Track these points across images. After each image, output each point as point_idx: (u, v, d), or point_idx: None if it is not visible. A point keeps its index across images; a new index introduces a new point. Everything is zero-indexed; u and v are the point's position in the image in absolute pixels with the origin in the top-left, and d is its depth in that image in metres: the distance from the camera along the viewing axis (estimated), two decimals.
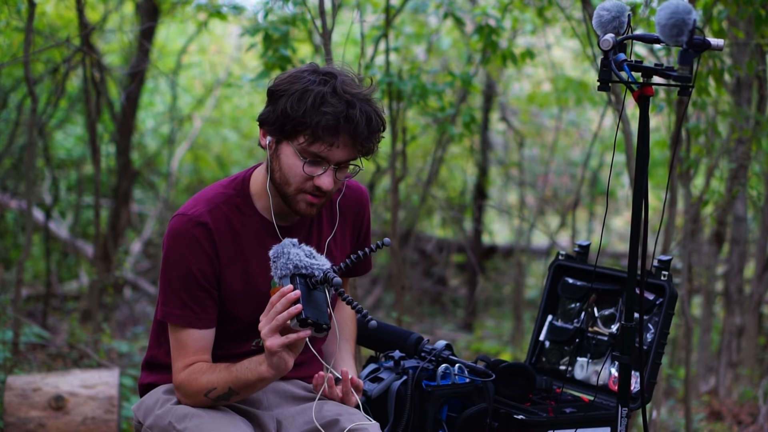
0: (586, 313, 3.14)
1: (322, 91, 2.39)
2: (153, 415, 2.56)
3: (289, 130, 2.41)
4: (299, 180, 2.43)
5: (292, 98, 2.39)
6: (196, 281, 2.46)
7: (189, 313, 2.47)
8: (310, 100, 2.38)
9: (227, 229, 2.50)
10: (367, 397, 2.72)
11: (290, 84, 2.42)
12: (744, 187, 5.59)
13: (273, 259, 2.34)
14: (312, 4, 5.26)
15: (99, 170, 6.33)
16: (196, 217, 2.47)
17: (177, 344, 2.50)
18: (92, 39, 7.15)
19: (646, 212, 2.42)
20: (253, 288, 2.53)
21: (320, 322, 2.30)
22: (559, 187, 10.90)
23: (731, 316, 6.41)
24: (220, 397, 2.45)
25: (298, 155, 2.42)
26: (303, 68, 2.47)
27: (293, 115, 2.39)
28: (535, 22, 7.11)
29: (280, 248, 2.34)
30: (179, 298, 2.47)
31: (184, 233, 2.47)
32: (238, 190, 2.55)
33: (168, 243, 2.49)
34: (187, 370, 2.48)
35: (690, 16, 2.28)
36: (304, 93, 2.39)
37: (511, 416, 2.78)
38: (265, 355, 2.35)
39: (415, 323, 8.44)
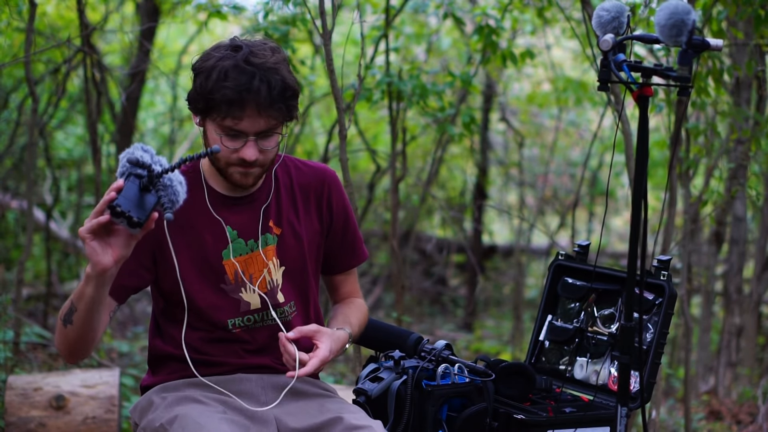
0: (586, 312, 3.14)
1: (226, 66, 2.43)
2: (146, 418, 2.55)
3: (203, 108, 2.47)
4: (224, 154, 2.49)
5: (202, 76, 2.46)
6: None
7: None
8: (214, 76, 2.43)
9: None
10: (367, 397, 2.72)
11: (202, 62, 2.48)
12: (743, 187, 5.59)
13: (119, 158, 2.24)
14: (312, 4, 5.26)
15: (100, 170, 6.33)
16: None
17: None
18: (93, 39, 7.15)
19: (646, 212, 2.42)
20: (202, 257, 2.55)
21: (131, 215, 2.18)
22: (558, 187, 10.90)
23: (730, 316, 6.42)
24: (66, 315, 2.34)
25: (220, 131, 2.47)
26: (218, 44, 2.52)
27: (203, 93, 2.44)
28: (534, 23, 7.12)
29: (127, 151, 2.24)
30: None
31: None
32: (188, 167, 2.58)
33: None
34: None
35: (689, 17, 2.29)
36: (211, 70, 2.44)
37: (511, 416, 2.79)
38: (88, 257, 2.26)
39: (415, 323, 8.45)
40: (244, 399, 2.56)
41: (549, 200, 10.73)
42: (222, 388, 2.57)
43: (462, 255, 10.47)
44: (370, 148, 6.99)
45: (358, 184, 9.17)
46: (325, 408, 2.57)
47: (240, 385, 2.59)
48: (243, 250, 2.59)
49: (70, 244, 8.52)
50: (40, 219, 8.01)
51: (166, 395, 2.57)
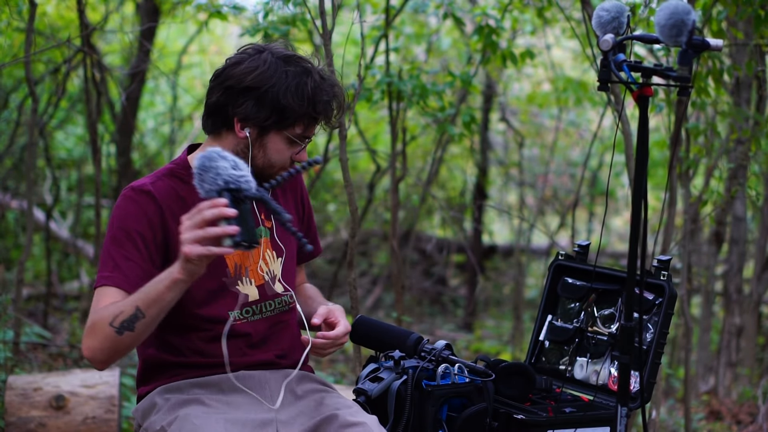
0: (586, 312, 3.14)
1: (312, 81, 2.51)
2: (148, 420, 2.56)
3: (275, 120, 2.51)
4: (284, 160, 2.57)
5: (289, 95, 2.49)
6: (133, 242, 2.45)
7: (118, 275, 2.44)
8: (309, 95, 2.50)
9: (174, 197, 2.52)
10: (366, 397, 2.72)
11: (269, 80, 2.49)
12: (743, 187, 5.59)
13: (199, 172, 2.25)
14: (312, 4, 5.26)
15: (100, 170, 6.33)
16: (138, 187, 2.52)
17: (96, 303, 2.44)
18: (93, 39, 7.15)
19: (646, 212, 2.42)
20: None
21: (250, 244, 2.24)
22: (558, 187, 10.90)
23: (730, 316, 6.42)
24: (126, 322, 2.34)
25: (287, 141, 2.54)
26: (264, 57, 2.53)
27: (297, 109, 2.50)
28: (534, 23, 7.12)
29: (207, 161, 2.24)
30: (111, 260, 2.45)
31: (127, 202, 2.50)
32: (180, 165, 2.60)
33: (112, 214, 2.51)
34: (97, 312, 2.41)
35: (689, 17, 2.29)
36: (298, 87, 2.50)
37: (511, 416, 2.79)
38: (181, 261, 2.28)
39: (415, 323, 8.45)
40: (249, 395, 2.57)
41: (549, 200, 10.73)
42: (225, 387, 2.57)
43: (462, 255, 10.47)
44: (370, 148, 7.00)
45: (358, 184, 9.17)
46: (322, 405, 2.58)
47: (243, 382, 2.59)
48: None
49: (70, 244, 8.52)
50: (40, 219, 8.01)
51: (169, 396, 2.56)
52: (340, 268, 8.16)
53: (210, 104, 2.56)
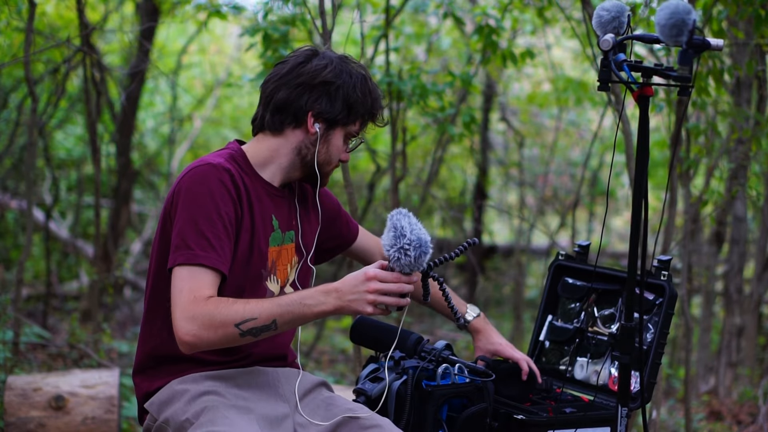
0: (586, 313, 3.14)
1: (369, 81, 2.64)
2: (170, 410, 2.54)
3: (350, 118, 2.62)
4: (338, 157, 2.67)
5: (357, 90, 2.60)
6: (222, 222, 2.47)
7: (214, 255, 2.44)
8: (369, 91, 2.62)
9: (240, 180, 2.56)
10: (366, 397, 2.72)
11: (340, 75, 2.60)
12: (743, 187, 5.59)
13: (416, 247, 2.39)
14: (312, 4, 5.26)
15: (99, 170, 6.33)
16: (220, 165, 2.52)
17: (193, 281, 2.41)
18: (92, 39, 7.16)
19: (646, 212, 2.42)
20: (257, 243, 2.58)
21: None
22: (559, 187, 10.90)
23: (731, 316, 6.41)
24: (256, 330, 2.39)
25: (345, 137, 2.65)
26: (328, 56, 2.63)
27: (362, 105, 2.61)
28: (535, 23, 7.11)
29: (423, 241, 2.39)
30: (204, 239, 2.44)
31: (212, 177, 2.49)
32: (237, 153, 2.64)
33: (194, 188, 2.48)
34: (213, 300, 2.40)
35: (689, 17, 2.29)
36: (363, 85, 2.62)
37: (511, 416, 2.79)
38: (346, 304, 2.40)
39: (415, 323, 8.44)
40: (265, 391, 2.61)
41: (549, 200, 10.73)
42: (242, 381, 2.59)
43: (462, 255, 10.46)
44: (370, 148, 6.99)
45: (358, 184, 9.17)
46: (334, 405, 2.63)
47: (258, 378, 2.62)
48: (279, 241, 2.66)
49: (70, 244, 8.52)
50: (40, 219, 8.01)
51: (187, 387, 2.55)
52: (340, 268, 8.16)
53: (280, 102, 2.59)
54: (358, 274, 2.41)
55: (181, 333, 2.38)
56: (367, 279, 2.39)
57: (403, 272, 2.40)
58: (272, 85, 2.61)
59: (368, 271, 2.40)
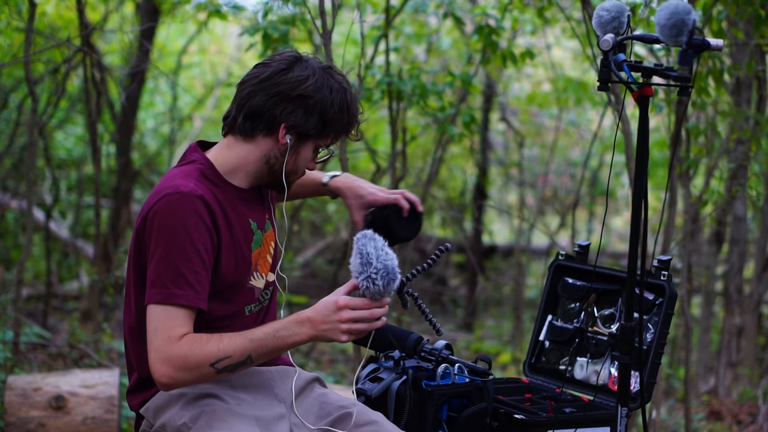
0: (586, 313, 3.14)
1: (350, 96, 2.58)
2: (166, 414, 2.54)
3: (324, 132, 2.57)
4: (305, 167, 2.63)
5: (335, 106, 2.54)
6: (199, 255, 2.42)
7: (191, 292, 2.40)
8: (347, 107, 2.57)
9: (215, 200, 2.50)
10: (366, 397, 2.72)
11: (320, 90, 2.53)
12: (743, 187, 5.59)
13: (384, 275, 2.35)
14: (312, 4, 5.26)
15: (99, 170, 6.34)
16: (192, 192, 2.44)
17: (167, 321, 2.38)
18: (93, 39, 7.16)
19: (646, 212, 2.42)
20: (240, 253, 2.56)
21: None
22: (559, 187, 10.90)
23: (731, 316, 6.41)
24: (232, 367, 2.38)
25: (315, 149, 2.60)
26: (312, 66, 2.56)
27: (337, 121, 2.56)
28: (534, 23, 7.11)
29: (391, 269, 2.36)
30: (180, 275, 2.39)
31: (184, 209, 2.42)
32: (206, 165, 2.56)
33: (166, 222, 2.41)
34: (186, 339, 2.37)
35: (689, 17, 2.29)
36: (342, 101, 2.55)
37: (511, 416, 2.79)
38: (320, 333, 2.38)
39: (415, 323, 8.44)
40: (260, 390, 2.60)
41: (549, 200, 10.73)
42: (237, 382, 2.59)
43: (462, 255, 10.47)
44: (370, 148, 6.99)
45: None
46: (327, 403, 2.62)
47: (253, 379, 2.62)
48: (260, 241, 2.64)
49: (70, 244, 8.52)
50: (40, 219, 8.01)
51: (183, 391, 2.54)
52: (340, 268, 8.16)
53: (255, 108, 2.52)
54: (329, 303, 2.38)
55: (157, 375, 2.38)
56: (338, 308, 2.36)
57: (373, 299, 2.37)
58: (249, 87, 2.54)
59: (339, 300, 2.36)
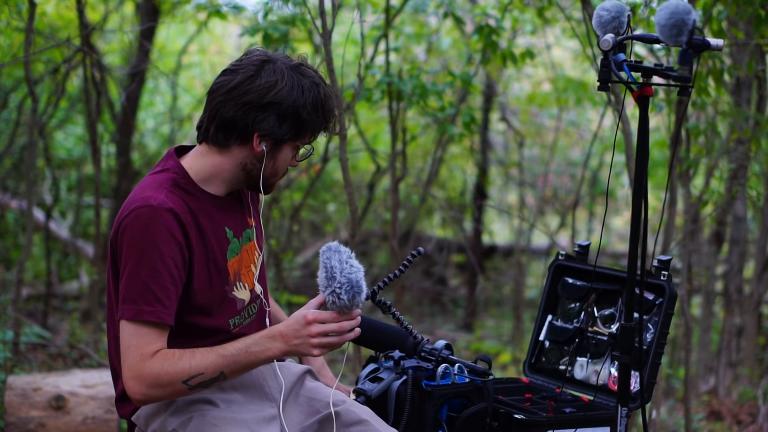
0: (586, 313, 3.14)
1: (322, 94, 2.52)
2: (157, 421, 2.53)
3: (300, 134, 2.52)
4: (286, 168, 2.58)
5: (308, 106, 2.49)
6: (168, 270, 2.39)
7: (161, 308, 2.38)
8: (322, 104, 2.51)
9: (187, 211, 2.46)
10: (366, 397, 2.72)
11: (290, 93, 2.47)
12: (743, 187, 5.59)
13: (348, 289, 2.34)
14: (312, 4, 5.26)
15: (99, 170, 6.33)
16: (161, 205, 2.40)
17: (139, 338, 2.37)
18: (92, 39, 7.15)
19: (646, 212, 2.42)
20: (213, 263, 2.51)
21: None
22: (559, 187, 10.90)
23: (731, 316, 6.41)
24: (206, 383, 2.38)
25: (294, 149, 2.56)
26: (279, 70, 2.49)
27: (313, 122, 2.51)
28: (535, 23, 7.11)
29: (355, 282, 2.34)
30: (150, 292, 2.37)
31: (154, 224, 2.39)
32: (179, 173, 2.52)
33: (136, 238, 2.39)
34: (158, 356, 2.36)
35: (689, 17, 2.29)
36: (316, 99, 2.50)
37: (511, 416, 2.79)
38: (293, 348, 2.38)
39: (415, 323, 8.44)
40: (250, 391, 2.59)
41: (549, 200, 10.73)
42: (227, 384, 2.56)
43: (462, 255, 10.47)
44: (370, 148, 6.99)
45: (358, 184, 9.17)
46: (315, 400, 2.62)
47: (243, 379, 2.60)
48: (237, 250, 2.59)
49: (70, 244, 8.52)
50: (40, 219, 8.00)
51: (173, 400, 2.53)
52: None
53: (226, 119, 2.46)
54: (299, 317, 2.37)
55: (130, 392, 2.39)
56: (306, 323, 2.35)
57: (341, 312, 2.36)
58: (219, 97, 2.47)
59: (307, 314, 2.35)
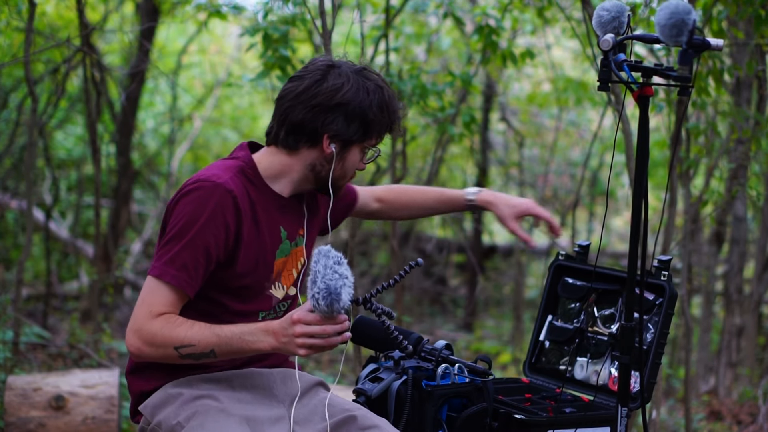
0: (586, 313, 3.14)
1: (386, 95, 2.61)
2: (162, 413, 2.55)
3: (367, 135, 2.61)
4: (354, 170, 2.67)
5: (374, 107, 2.58)
6: (206, 247, 2.47)
7: (185, 276, 2.46)
8: (387, 105, 2.61)
9: (246, 199, 2.55)
10: (367, 397, 2.72)
11: (357, 95, 2.57)
12: (743, 187, 5.59)
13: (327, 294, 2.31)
14: (312, 4, 5.26)
15: (99, 170, 6.33)
16: (223, 184, 2.50)
17: (153, 296, 2.47)
18: (92, 39, 7.16)
19: (646, 212, 2.42)
20: (262, 256, 2.58)
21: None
22: (559, 187, 10.90)
23: (731, 316, 6.41)
24: (195, 356, 2.44)
25: (362, 151, 2.64)
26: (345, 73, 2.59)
27: (379, 122, 2.60)
28: (535, 22, 7.11)
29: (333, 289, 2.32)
30: (181, 259, 2.46)
31: (211, 200, 2.48)
32: (248, 164, 2.61)
33: (188, 208, 2.48)
34: (162, 318, 2.45)
35: (689, 17, 2.29)
36: (381, 100, 2.59)
37: (511, 416, 2.79)
38: (282, 345, 2.38)
39: (415, 323, 8.44)
40: (259, 392, 2.61)
41: (549, 200, 10.72)
42: (237, 383, 2.60)
43: (462, 255, 10.46)
44: None
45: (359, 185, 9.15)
46: (331, 406, 2.61)
47: (253, 380, 2.63)
48: (287, 251, 2.66)
49: (70, 244, 8.52)
50: (40, 219, 8.00)
51: (181, 391, 2.57)
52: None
53: (296, 122, 2.56)
54: (288, 317, 2.39)
55: (127, 343, 2.47)
56: (292, 323, 2.37)
57: (325, 317, 2.35)
58: (287, 102, 2.58)
59: (294, 314, 2.37)
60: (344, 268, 2.33)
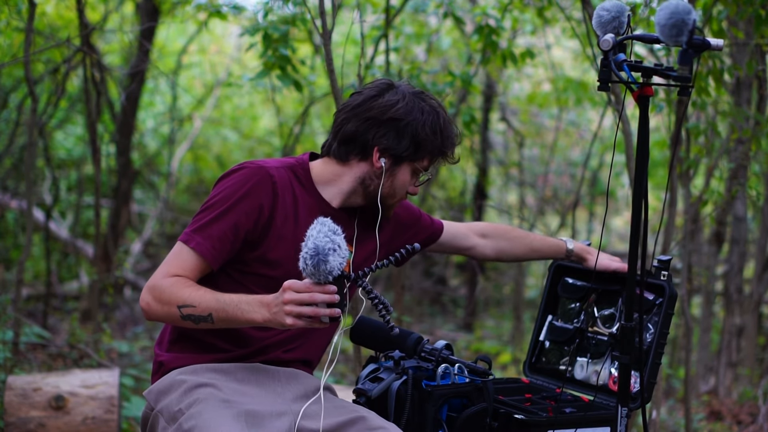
0: (586, 313, 3.14)
1: (442, 119, 2.71)
2: (166, 399, 2.59)
3: (418, 154, 2.68)
4: (404, 191, 2.74)
5: (426, 128, 2.67)
6: (236, 225, 2.57)
7: (209, 245, 2.56)
8: (441, 129, 2.70)
9: (289, 190, 2.64)
10: (367, 398, 2.72)
11: (410, 112, 2.65)
12: (743, 187, 5.59)
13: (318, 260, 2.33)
14: (312, 4, 5.26)
15: (99, 170, 6.33)
16: (266, 169, 2.62)
17: (175, 258, 2.58)
18: (92, 39, 7.16)
19: (646, 212, 2.42)
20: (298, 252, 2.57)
21: (339, 319, 2.43)
22: (559, 187, 10.90)
23: (731, 316, 6.41)
24: (192, 318, 2.50)
25: (413, 172, 2.71)
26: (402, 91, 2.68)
27: (431, 143, 2.69)
28: (535, 22, 7.11)
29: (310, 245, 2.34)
30: (209, 229, 2.57)
31: (251, 180, 2.59)
32: (301, 165, 2.71)
33: (228, 183, 2.60)
34: (175, 279, 2.54)
35: (690, 17, 2.29)
36: (435, 124, 2.68)
37: (511, 416, 2.79)
38: (272, 316, 2.41)
39: (415, 323, 8.44)
40: (263, 387, 2.63)
41: (549, 200, 10.73)
42: (243, 377, 2.63)
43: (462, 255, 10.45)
44: None
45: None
46: (342, 407, 2.62)
47: (258, 375, 2.65)
48: None
49: (70, 244, 8.52)
50: (40, 219, 8.00)
51: (185, 378, 2.60)
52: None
53: (348, 133, 2.67)
54: (282, 287, 2.43)
55: (142, 296, 2.58)
56: (282, 290, 2.40)
57: (314, 282, 2.36)
58: (343, 115, 2.69)
59: (286, 282, 2.40)
60: (339, 238, 2.36)
